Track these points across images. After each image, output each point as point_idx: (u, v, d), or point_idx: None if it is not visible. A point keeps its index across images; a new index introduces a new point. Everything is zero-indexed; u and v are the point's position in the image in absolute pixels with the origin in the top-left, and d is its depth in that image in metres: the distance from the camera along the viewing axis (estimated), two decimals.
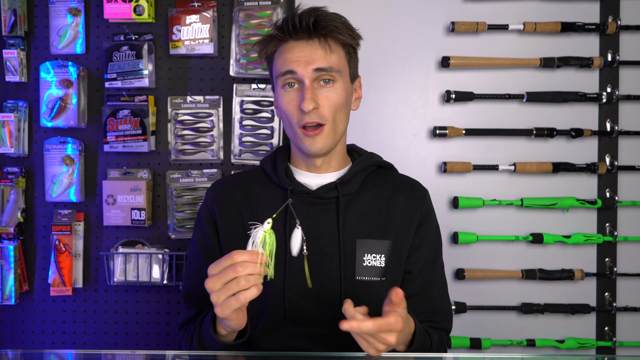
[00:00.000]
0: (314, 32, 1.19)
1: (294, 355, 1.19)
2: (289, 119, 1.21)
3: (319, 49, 1.19)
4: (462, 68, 1.84)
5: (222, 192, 1.30)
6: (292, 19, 1.19)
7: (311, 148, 1.21)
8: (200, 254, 1.29)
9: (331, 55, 1.20)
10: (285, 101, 1.21)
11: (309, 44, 1.19)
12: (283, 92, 1.21)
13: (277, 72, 1.21)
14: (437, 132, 1.81)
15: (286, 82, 1.20)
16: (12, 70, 1.79)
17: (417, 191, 1.32)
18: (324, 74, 1.19)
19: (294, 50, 1.19)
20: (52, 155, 1.81)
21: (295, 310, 1.22)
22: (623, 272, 1.85)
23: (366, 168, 1.30)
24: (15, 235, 1.81)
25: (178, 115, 1.81)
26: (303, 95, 1.18)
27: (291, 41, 1.20)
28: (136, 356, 1.16)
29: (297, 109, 1.19)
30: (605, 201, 1.82)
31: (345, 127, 1.26)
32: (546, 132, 1.82)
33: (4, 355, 1.09)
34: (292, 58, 1.19)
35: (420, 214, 1.29)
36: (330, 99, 1.20)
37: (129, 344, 1.84)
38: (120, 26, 1.82)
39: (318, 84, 1.20)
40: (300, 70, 1.18)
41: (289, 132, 1.24)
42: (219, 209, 1.28)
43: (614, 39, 1.83)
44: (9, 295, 1.78)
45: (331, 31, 1.20)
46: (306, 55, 1.18)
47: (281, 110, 1.23)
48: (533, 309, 1.82)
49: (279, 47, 1.22)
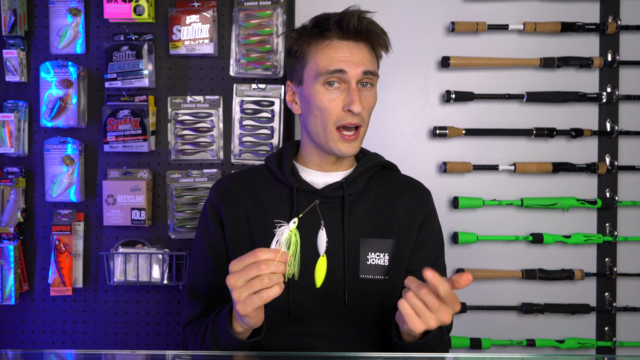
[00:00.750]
0: (362, 36, 1.21)
1: (296, 355, 1.19)
2: (325, 118, 1.20)
3: (367, 52, 1.23)
4: (462, 68, 1.84)
5: (228, 189, 1.31)
6: (346, 19, 1.20)
7: (345, 151, 1.22)
8: (205, 249, 1.30)
9: (375, 60, 1.25)
10: (326, 99, 1.20)
11: (357, 46, 1.21)
12: (324, 90, 1.21)
13: (320, 69, 1.20)
14: (437, 132, 1.81)
15: (330, 80, 1.20)
16: (12, 70, 1.79)
17: (420, 191, 1.33)
18: (368, 77, 1.22)
19: (343, 49, 1.20)
20: (52, 155, 1.81)
21: (299, 308, 1.22)
22: (623, 272, 1.85)
23: (371, 168, 1.31)
24: (15, 235, 1.81)
25: (178, 115, 1.81)
26: (352, 96, 1.19)
27: (337, 40, 1.21)
28: (136, 356, 1.16)
29: (339, 108, 1.20)
30: (605, 201, 1.82)
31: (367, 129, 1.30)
32: (546, 132, 1.82)
33: (4, 355, 1.09)
34: (342, 57, 1.20)
35: (423, 214, 1.30)
36: (369, 102, 1.23)
37: (129, 344, 1.84)
38: (120, 26, 1.82)
39: (358, 86, 1.21)
40: (350, 70, 1.19)
41: (319, 130, 1.23)
42: (224, 205, 1.29)
43: (614, 39, 1.83)
44: (9, 295, 1.78)
45: (377, 37, 1.24)
46: (357, 57, 1.20)
47: (318, 108, 1.21)
48: (533, 309, 1.82)
49: (320, 43, 1.22)
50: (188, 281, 1.32)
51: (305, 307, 1.22)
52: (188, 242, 1.83)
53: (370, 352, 1.14)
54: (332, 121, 1.20)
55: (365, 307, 1.23)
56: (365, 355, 1.09)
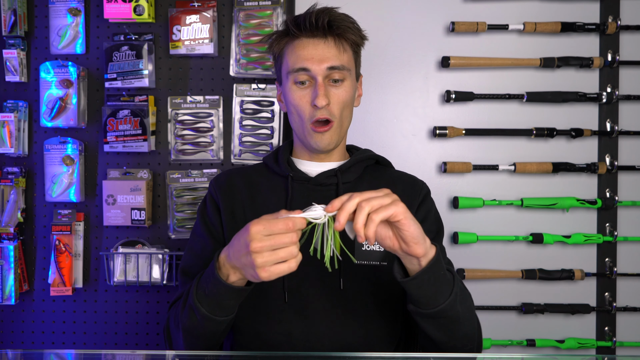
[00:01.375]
0: (328, 31, 1.23)
1: (296, 355, 1.19)
2: (300, 115, 1.25)
3: (333, 47, 1.23)
4: (462, 68, 1.84)
5: (225, 181, 1.34)
6: (309, 17, 1.22)
7: (320, 144, 1.25)
8: (205, 233, 1.30)
9: (343, 54, 1.24)
10: (296, 97, 1.24)
11: (323, 43, 1.23)
12: (295, 88, 1.25)
13: (289, 68, 1.24)
14: (437, 132, 1.81)
15: (298, 78, 1.23)
16: (12, 70, 1.79)
17: (414, 182, 1.36)
18: (335, 72, 1.23)
19: (308, 47, 1.23)
20: (52, 155, 1.81)
21: (295, 294, 1.23)
22: (623, 272, 1.85)
23: (365, 159, 1.34)
24: (15, 235, 1.81)
25: (178, 115, 1.81)
26: (316, 91, 1.22)
27: (304, 38, 1.24)
28: (136, 356, 1.16)
29: (309, 105, 1.23)
30: (605, 201, 1.82)
31: (349, 124, 1.31)
32: (546, 132, 1.82)
33: (4, 355, 1.09)
34: (306, 55, 1.23)
35: (419, 200, 1.31)
36: (339, 96, 1.24)
37: (129, 344, 1.84)
38: (120, 26, 1.82)
39: (328, 82, 1.24)
40: (314, 67, 1.22)
41: (297, 127, 1.27)
42: (222, 195, 1.31)
43: (614, 39, 1.83)
44: (9, 295, 1.78)
45: (344, 31, 1.24)
46: (320, 53, 1.22)
47: (292, 105, 1.26)
48: (533, 309, 1.82)
49: (291, 43, 1.25)
50: (183, 263, 1.31)
51: (302, 293, 1.23)
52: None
53: (370, 352, 1.14)
54: (306, 117, 1.24)
55: (362, 293, 1.23)
56: (365, 355, 1.09)
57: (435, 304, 1.03)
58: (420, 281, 1.01)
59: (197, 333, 1.11)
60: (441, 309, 1.03)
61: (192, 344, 1.14)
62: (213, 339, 1.13)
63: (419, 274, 1.01)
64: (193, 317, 1.10)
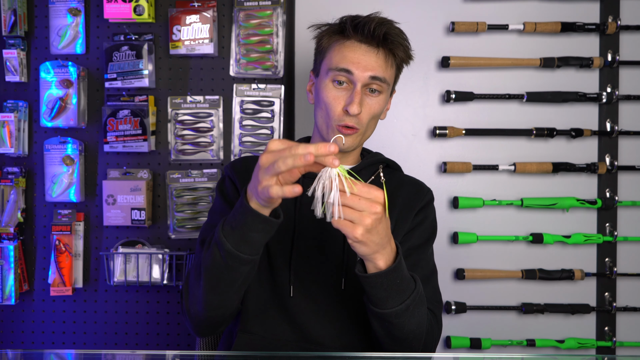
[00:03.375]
0: (382, 43, 1.23)
1: (296, 355, 1.19)
2: (329, 113, 1.25)
3: (382, 59, 1.24)
4: (462, 68, 1.84)
5: (242, 165, 1.34)
6: (368, 24, 1.22)
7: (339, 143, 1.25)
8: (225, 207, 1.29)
9: (389, 69, 1.25)
10: (331, 95, 1.24)
11: (373, 52, 1.23)
12: (331, 86, 1.24)
13: (332, 65, 1.24)
14: (437, 132, 1.81)
15: (338, 78, 1.23)
16: (12, 70, 1.79)
17: (420, 187, 1.36)
18: (375, 83, 1.23)
19: (357, 51, 1.23)
20: (52, 155, 1.81)
21: (299, 286, 1.23)
22: (623, 272, 1.85)
23: (376, 162, 1.35)
24: (15, 235, 1.81)
25: (178, 115, 1.81)
26: (352, 97, 1.21)
27: (356, 42, 1.24)
28: (136, 356, 1.16)
29: (341, 107, 1.23)
30: (605, 201, 1.82)
31: (371, 134, 1.31)
32: (546, 132, 1.82)
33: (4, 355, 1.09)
34: (353, 58, 1.22)
35: (421, 204, 1.32)
36: (372, 107, 1.25)
37: (129, 344, 1.84)
38: (120, 26, 1.82)
39: (365, 90, 1.24)
40: (357, 72, 1.22)
41: (322, 123, 1.27)
42: (239, 177, 1.31)
43: (614, 39, 1.83)
44: (9, 295, 1.78)
45: (396, 47, 1.25)
46: (367, 61, 1.22)
47: (324, 102, 1.25)
48: (533, 309, 1.82)
49: (342, 41, 1.25)
50: (201, 235, 1.28)
51: (305, 288, 1.24)
52: (188, 242, 1.83)
53: (370, 352, 1.14)
54: (334, 119, 1.24)
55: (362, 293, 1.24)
56: (365, 355, 1.09)
57: (383, 307, 1.07)
58: (373, 282, 1.05)
59: (218, 276, 1.09)
60: (386, 314, 1.07)
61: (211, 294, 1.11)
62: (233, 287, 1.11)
63: (372, 275, 1.04)
64: (217, 254, 1.07)
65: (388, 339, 1.13)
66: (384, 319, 1.08)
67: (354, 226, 0.97)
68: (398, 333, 1.10)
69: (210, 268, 1.09)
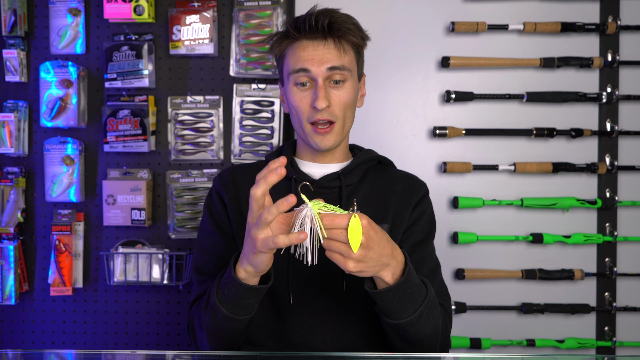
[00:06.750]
0: (329, 33, 1.23)
1: (296, 355, 1.19)
2: (299, 116, 1.25)
3: (333, 49, 1.23)
4: (462, 68, 1.84)
5: (230, 178, 1.34)
6: (309, 19, 1.23)
7: (321, 144, 1.25)
8: (214, 229, 1.31)
9: (344, 55, 1.24)
10: (297, 98, 1.25)
11: (323, 44, 1.23)
12: (295, 90, 1.25)
13: (290, 69, 1.25)
14: (437, 132, 1.81)
15: (298, 79, 1.24)
16: (12, 70, 1.79)
17: (414, 182, 1.36)
18: (336, 73, 1.23)
19: (308, 49, 1.23)
20: (52, 155, 1.81)
21: (300, 294, 1.24)
22: (623, 272, 1.85)
23: (367, 161, 1.34)
24: (15, 235, 1.81)
25: (178, 115, 1.81)
26: (317, 93, 1.22)
27: (305, 40, 1.24)
28: (136, 356, 1.17)
29: (309, 106, 1.24)
30: (605, 201, 1.82)
31: (351, 124, 1.31)
32: (546, 132, 1.82)
33: (4, 355, 1.09)
34: (306, 57, 1.23)
35: (417, 199, 1.31)
36: (341, 97, 1.24)
37: (129, 344, 1.84)
38: (120, 26, 1.82)
39: (329, 83, 1.24)
40: (314, 68, 1.22)
41: (298, 127, 1.28)
42: (227, 191, 1.31)
43: (614, 39, 1.83)
44: (9, 295, 1.78)
45: (345, 33, 1.24)
46: (320, 55, 1.23)
47: (292, 106, 1.27)
48: (533, 309, 1.82)
49: (292, 45, 1.26)
50: (195, 263, 1.32)
51: (305, 294, 1.24)
52: (188, 242, 1.83)
53: (370, 352, 1.14)
54: (305, 118, 1.25)
55: (364, 295, 1.23)
56: (365, 355, 1.09)
57: (396, 318, 1.07)
58: (384, 297, 1.05)
59: (220, 332, 1.14)
60: (401, 324, 1.07)
61: (215, 344, 1.16)
62: (235, 337, 1.15)
63: (383, 291, 1.04)
64: (215, 317, 1.12)
65: (404, 344, 1.13)
66: (399, 329, 1.08)
67: (345, 259, 0.98)
68: (414, 338, 1.11)
69: (210, 327, 1.14)
